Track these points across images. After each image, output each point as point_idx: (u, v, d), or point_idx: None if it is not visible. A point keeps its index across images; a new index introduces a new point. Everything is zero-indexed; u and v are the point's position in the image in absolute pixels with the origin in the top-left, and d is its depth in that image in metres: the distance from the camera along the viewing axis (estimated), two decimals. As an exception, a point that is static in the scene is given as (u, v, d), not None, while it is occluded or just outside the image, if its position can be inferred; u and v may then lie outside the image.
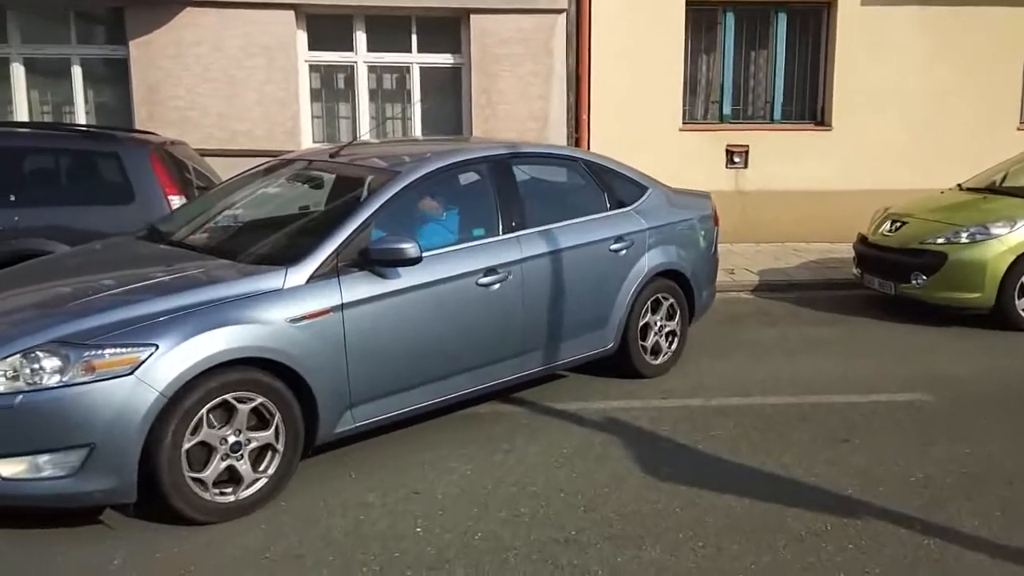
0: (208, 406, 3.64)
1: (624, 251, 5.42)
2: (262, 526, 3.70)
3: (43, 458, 3.42)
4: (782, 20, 10.34)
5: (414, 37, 9.93)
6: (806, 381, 5.70)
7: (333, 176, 5.18)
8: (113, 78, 9.81)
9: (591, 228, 5.33)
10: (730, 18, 10.29)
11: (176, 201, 6.10)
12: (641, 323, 5.60)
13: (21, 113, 9.68)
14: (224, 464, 3.72)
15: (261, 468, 3.84)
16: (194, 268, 4.16)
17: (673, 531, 3.68)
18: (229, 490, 3.75)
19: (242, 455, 3.77)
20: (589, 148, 9.62)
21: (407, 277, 4.27)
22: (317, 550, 3.52)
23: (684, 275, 5.84)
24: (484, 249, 4.73)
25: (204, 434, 3.65)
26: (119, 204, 6.05)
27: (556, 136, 9.84)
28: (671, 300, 5.80)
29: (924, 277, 7.15)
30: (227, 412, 3.73)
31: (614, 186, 5.69)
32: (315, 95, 10.05)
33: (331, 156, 5.12)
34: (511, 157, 5.19)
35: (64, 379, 3.40)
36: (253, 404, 3.77)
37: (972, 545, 3.60)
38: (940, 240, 7.17)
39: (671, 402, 5.29)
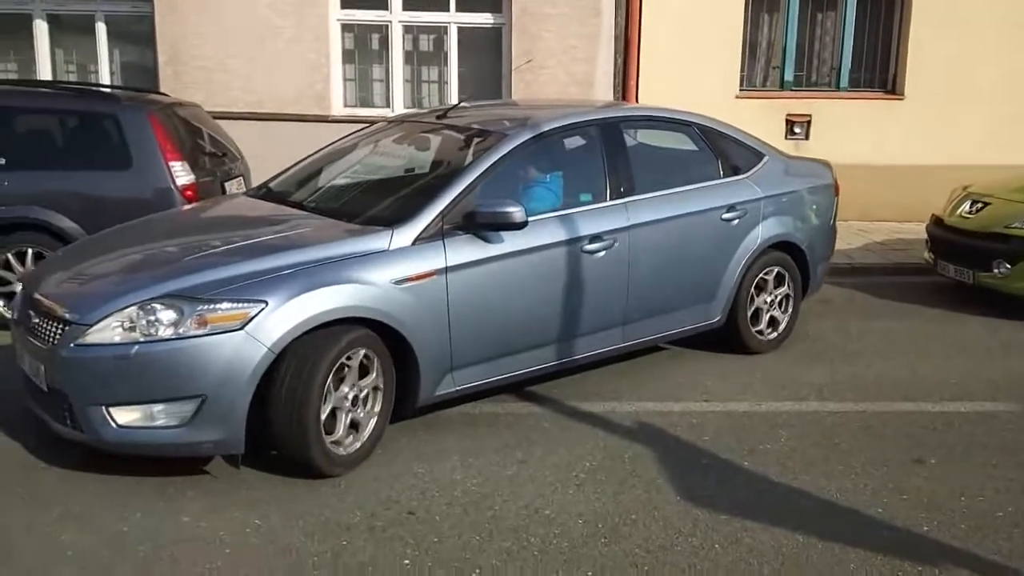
0: (341, 360, 3.69)
1: (736, 220, 5.19)
2: (226, 551, 3.20)
3: (157, 407, 3.48)
4: (854, -22, 9.43)
5: (452, -5, 9.29)
6: (871, 384, 5.02)
7: (440, 138, 5.14)
8: (138, 36, 9.40)
9: (702, 196, 5.12)
10: (796, -24, 9.42)
11: (178, 168, 5.61)
12: (751, 297, 5.38)
13: (44, 72, 9.34)
14: (347, 417, 3.78)
15: (359, 430, 3.87)
16: (303, 227, 4.19)
17: (709, 576, 3.09)
18: (341, 443, 3.78)
19: (357, 411, 3.83)
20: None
21: (511, 242, 4.20)
22: (288, 582, 3.02)
23: (800, 247, 5.58)
24: (590, 215, 4.60)
25: (338, 386, 3.72)
26: (116, 169, 5.56)
27: (601, 102, 9.13)
28: (784, 273, 5.55)
29: (1008, 266, 6.35)
30: (344, 368, 3.77)
31: (728, 152, 5.43)
32: (347, 56, 9.49)
33: (438, 118, 5.07)
34: (621, 120, 5.04)
35: (178, 331, 3.45)
36: (367, 361, 3.83)
37: (1079, 609, 2.94)
38: (1028, 225, 6.37)
39: (713, 406, 4.66)
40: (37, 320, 3.72)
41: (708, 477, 3.84)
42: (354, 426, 3.83)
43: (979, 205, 6.81)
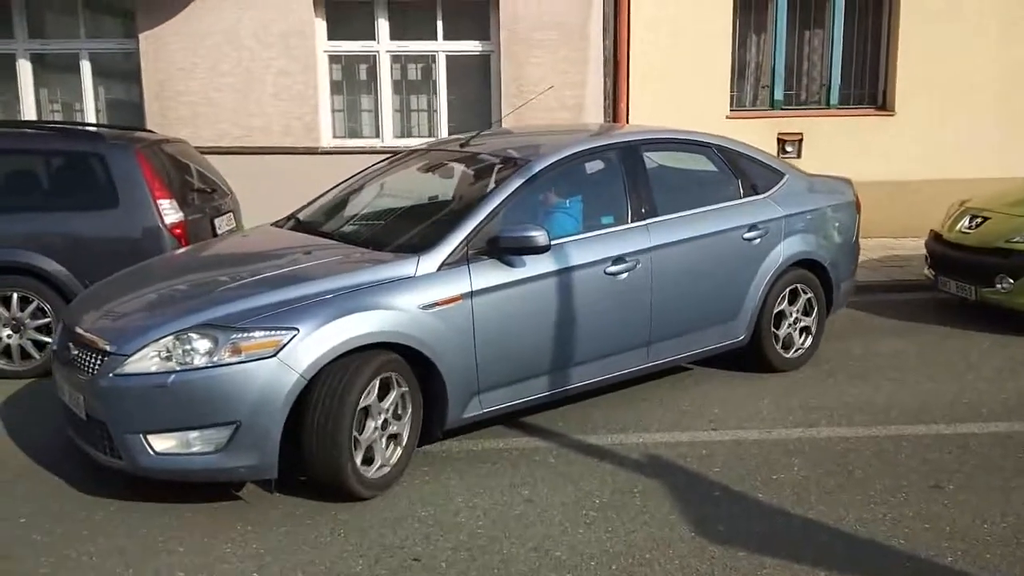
0: (373, 384, 3.75)
1: (758, 240, 5.23)
2: (224, 608, 3.06)
3: (193, 434, 3.54)
4: (840, -4, 9.45)
5: (440, 23, 9.25)
6: (881, 407, 4.91)
7: (463, 166, 5.22)
8: (124, 73, 9.31)
9: (723, 216, 5.16)
10: (782, -5, 9.43)
11: (166, 206, 5.48)
12: (775, 315, 5.40)
13: (29, 112, 9.24)
14: (375, 440, 3.81)
15: (388, 452, 3.91)
16: (331, 256, 4.28)
17: (730, 619, 2.95)
18: (372, 466, 3.82)
19: (387, 434, 3.87)
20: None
21: (535, 265, 4.27)
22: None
23: (822, 265, 5.60)
24: (612, 237, 4.67)
25: (369, 410, 3.77)
26: (102, 209, 5.43)
27: (592, 127, 9.07)
28: (808, 291, 5.57)
29: (1011, 280, 6.28)
30: (380, 392, 3.84)
31: (749, 172, 5.47)
32: (335, 87, 9.43)
33: (462, 146, 5.16)
34: (641, 144, 5.06)
35: (213, 360, 3.52)
36: (397, 385, 3.88)
37: (1117, 642, 2.82)
38: (1029, 238, 6.31)
39: (722, 435, 4.54)
40: (76, 352, 3.82)
41: (722, 510, 3.71)
42: (385, 449, 3.87)
43: (978, 220, 6.75)
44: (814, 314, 5.61)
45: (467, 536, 3.50)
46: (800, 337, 5.57)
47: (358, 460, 3.72)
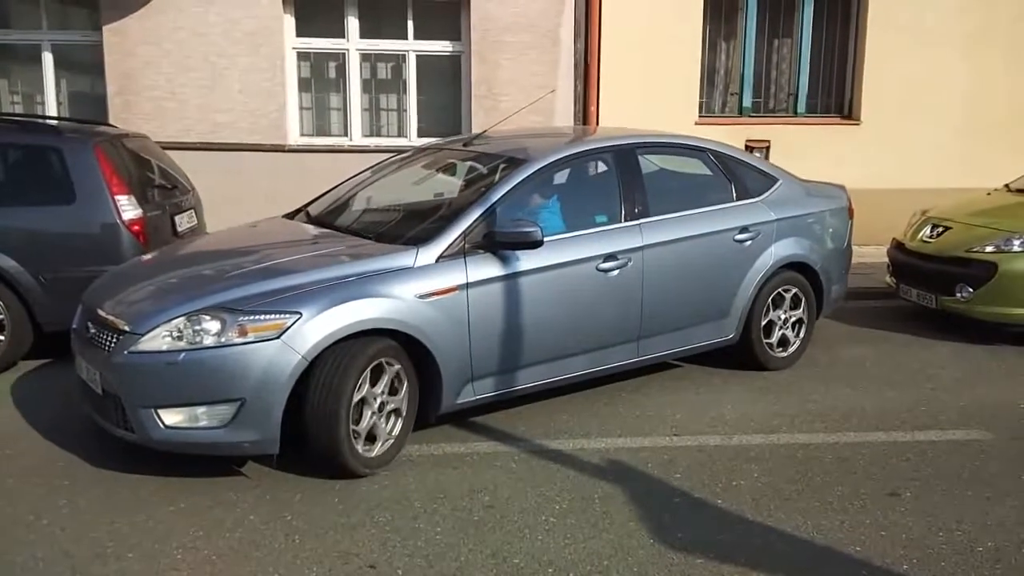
0: (369, 368, 3.93)
1: (749, 242, 5.36)
2: (172, 616, 2.99)
3: (200, 409, 3.74)
4: (808, 5, 9.52)
5: (410, 23, 9.18)
6: (841, 414, 4.94)
7: (465, 163, 5.44)
8: (87, 66, 9.12)
9: (715, 218, 5.30)
10: (752, 3, 9.48)
11: (124, 202, 5.38)
12: (765, 315, 5.55)
13: (-12, 103, 9.04)
14: (372, 421, 3.99)
15: (385, 433, 4.09)
16: (336, 246, 4.52)
17: (687, 628, 2.94)
18: (369, 446, 4.02)
19: (383, 415, 4.05)
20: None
21: (529, 260, 4.43)
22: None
23: (813, 268, 5.74)
24: (605, 235, 4.82)
25: (365, 392, 3.94)
26: (58, 205, 5.31)
27: (562, 130, 9.05)
28: (798, 293, 5.71)
29: (971, 289, 6.37)
30: (375, 376, 4.01)
31: (742, 176, 5.60)
32: (303, 84, 9.31)
33: (465, 145, 5.41)
34: (636, 147, 5.21)
35: (221, 340, 3.72)
36: (393, 370, 4.06)
37: (1066, 650, 2.85)
38: (989, 248, 6.39)
39: (684, 440, 4.54)
40: (95, 331, 4.04)
41: (681, 517, 3.70)
42: (382, 430, 4.04)
43: (940, 229, 6.84)
44: (804, 316, 5.73)
45: (424, 542, 3.46)
46: (790, 337, 5.71)
47: (355, 439, 3.89)
